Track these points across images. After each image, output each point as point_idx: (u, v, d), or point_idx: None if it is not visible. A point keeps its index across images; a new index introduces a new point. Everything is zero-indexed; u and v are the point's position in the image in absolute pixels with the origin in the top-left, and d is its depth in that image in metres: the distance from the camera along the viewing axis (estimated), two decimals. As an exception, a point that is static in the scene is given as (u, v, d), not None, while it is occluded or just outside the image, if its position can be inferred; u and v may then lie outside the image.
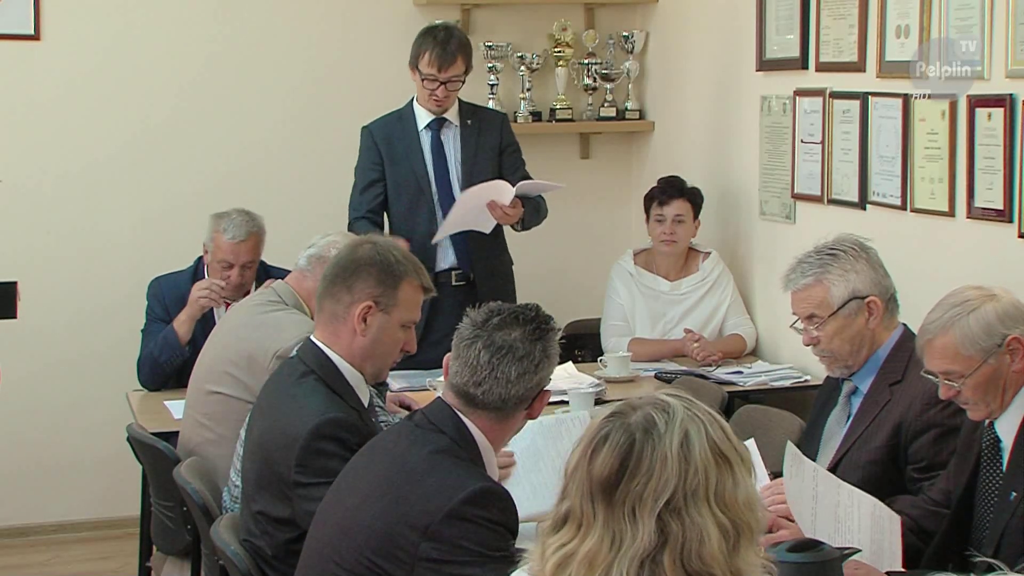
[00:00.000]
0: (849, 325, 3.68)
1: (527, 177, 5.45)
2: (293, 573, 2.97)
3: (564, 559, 1.94)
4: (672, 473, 1.91)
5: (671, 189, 5.58)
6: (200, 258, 5.20)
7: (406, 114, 5.41)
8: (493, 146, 5.42)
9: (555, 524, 1.99)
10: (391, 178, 5.38)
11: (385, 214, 5.39)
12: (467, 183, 5.32)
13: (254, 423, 3.39)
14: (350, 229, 5.08)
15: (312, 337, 3.34)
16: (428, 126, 5.38)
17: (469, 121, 5.41)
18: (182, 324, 5.02)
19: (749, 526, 1.93)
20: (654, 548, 1.89)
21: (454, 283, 5.32)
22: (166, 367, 5.02)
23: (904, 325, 3.74)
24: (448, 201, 5.32)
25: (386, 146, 5.38)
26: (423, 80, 5.27)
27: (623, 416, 1.98)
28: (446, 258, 5.36)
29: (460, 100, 5.43)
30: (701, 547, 1.89)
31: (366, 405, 3.33)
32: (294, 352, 3.62)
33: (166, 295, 5.18)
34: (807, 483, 3.17)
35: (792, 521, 3.24)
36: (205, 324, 4.96)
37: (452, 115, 5.39)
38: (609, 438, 1.96)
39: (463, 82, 5.30)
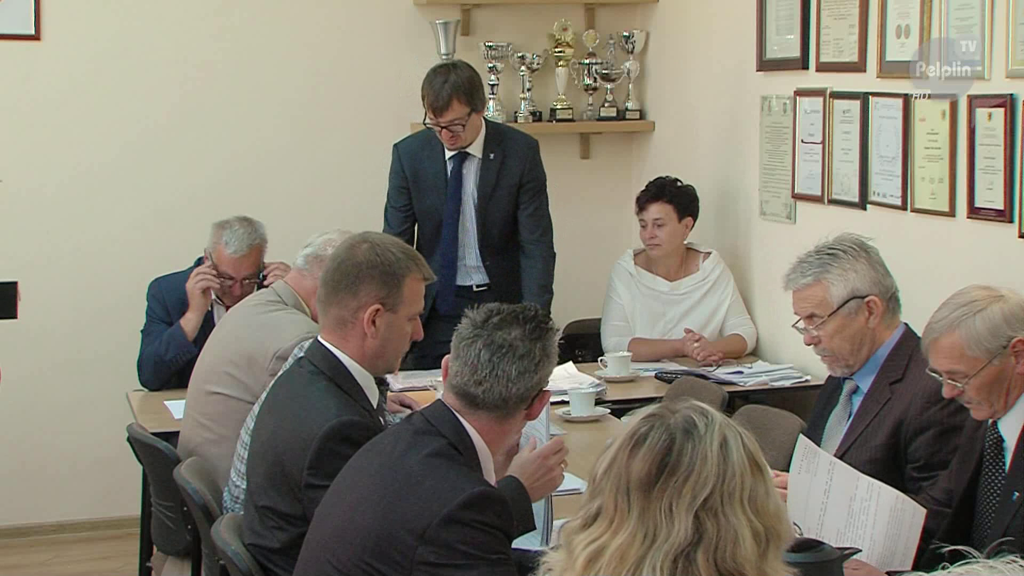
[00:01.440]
0: (849, 324, 3.68)
1: (540, 211, 5.42)
2: None
3: (595, 553, 1.96)
4: (711, 472, 1.94)
5: (647, 194, 5.58)
6: (200, 259, 5.19)
7: (434, 139, 5.35)
8: (513, 182, 5.36)
9: (585, 522, 2.01)
10: (417, 204, 5.40)
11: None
12: (481, 221, 5.34)
13: (263, 422, 3.38)
14: None
15: (320, 339, 3.34)
16: (452, 157, 5.35)
17: (492, 155, 5.34)
18: (189, 321, 5.02)
19: (779, 534, 1.97)
20: (688, 544, 1.92)
21: (475, 289, 5.33)
22: (172, 365, 5.01)
23: (905, 324, 3.75)
24: (452, 239, 5.32)
25: (413, 174, 5.39)
26: (427, 122, 5.25)
27: (662, 417, 2.02)
28: (470, 278, 5.38)
29: (488, 125, 5.39)
30: (735, 548, 1.92)
31: (375, 406, 3.34)
32: (301, 353, 3.63)
33: (166, 296, 5.18)
34: (820, 476, 3.17)
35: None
36: (205, 324, 4.96)
37: (476, 147, 5.34)
38: (649, 437, 1.99)
39: (463, 125, 5.18)
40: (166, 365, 5.02)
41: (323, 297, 3.35)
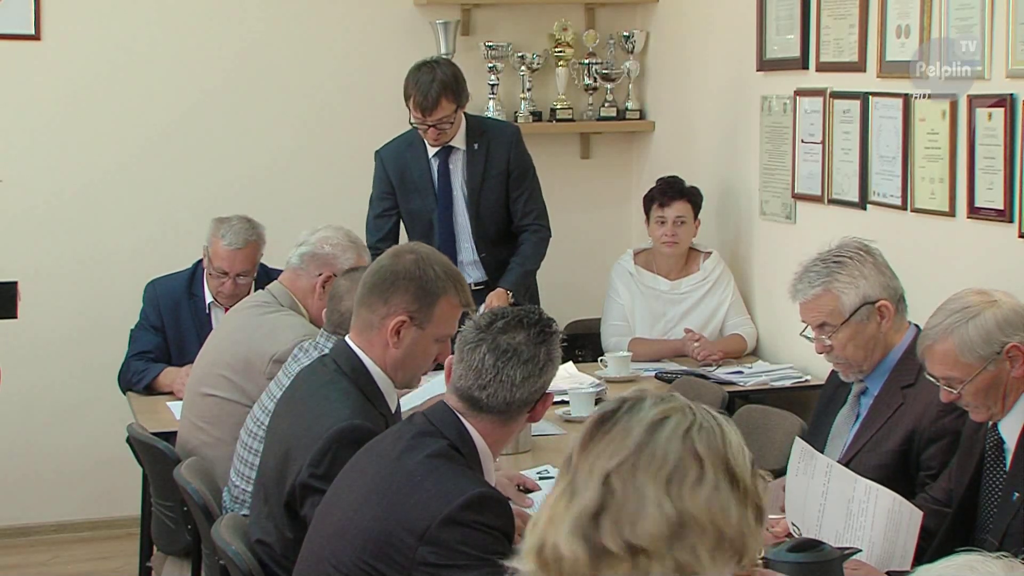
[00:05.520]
0: (862, 331, 3.63)
1: (532, 199, 5.42)
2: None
3: (537, 517, 1.93)
4: (635, 440, 1.87)
5: (672, 190, 5.57)
6: (198, 262, 5.18)
7: (416, 141, 5.35)
8: (501, 170, 5.37)
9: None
10: (404, 208, 5.40)
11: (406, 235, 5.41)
12: (474, 213, 5.34)
13: (280, 418, 3.37)
14: None
15: (347, 339, 3.34)
16: (436, 154, 5.35)
17: (476, 145, 5.34)
18: (161, 383, 4.97)
19: (703, 530, 1.84)
20: (596, 507, 1.85)
21: (473, 288, 5.33)
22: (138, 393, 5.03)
23: (916, 326, 3.69)
24: (448, 235, 5.33)
25: (398, 177, 5.38)
26: (413, 121, 5.23)
27: (630, 397, 1.97)
28: (468, 276, 5.36)
29: (468, 117, 5.38)
30: (636, 518, 1.83)
31: (393, 411, 3.34)
32: (302, 353, 3.63)
33: (160, 299, 5.15)
34: (818, 479, 3.17)
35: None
36: (203, 328, 4.94)
37: (459, 140, 5.34)
38: (604, 407, 1.96)
39: (451, 123, 5.19)
40: (129, 387, 5.03)
41: (358, 298, 3.34)
